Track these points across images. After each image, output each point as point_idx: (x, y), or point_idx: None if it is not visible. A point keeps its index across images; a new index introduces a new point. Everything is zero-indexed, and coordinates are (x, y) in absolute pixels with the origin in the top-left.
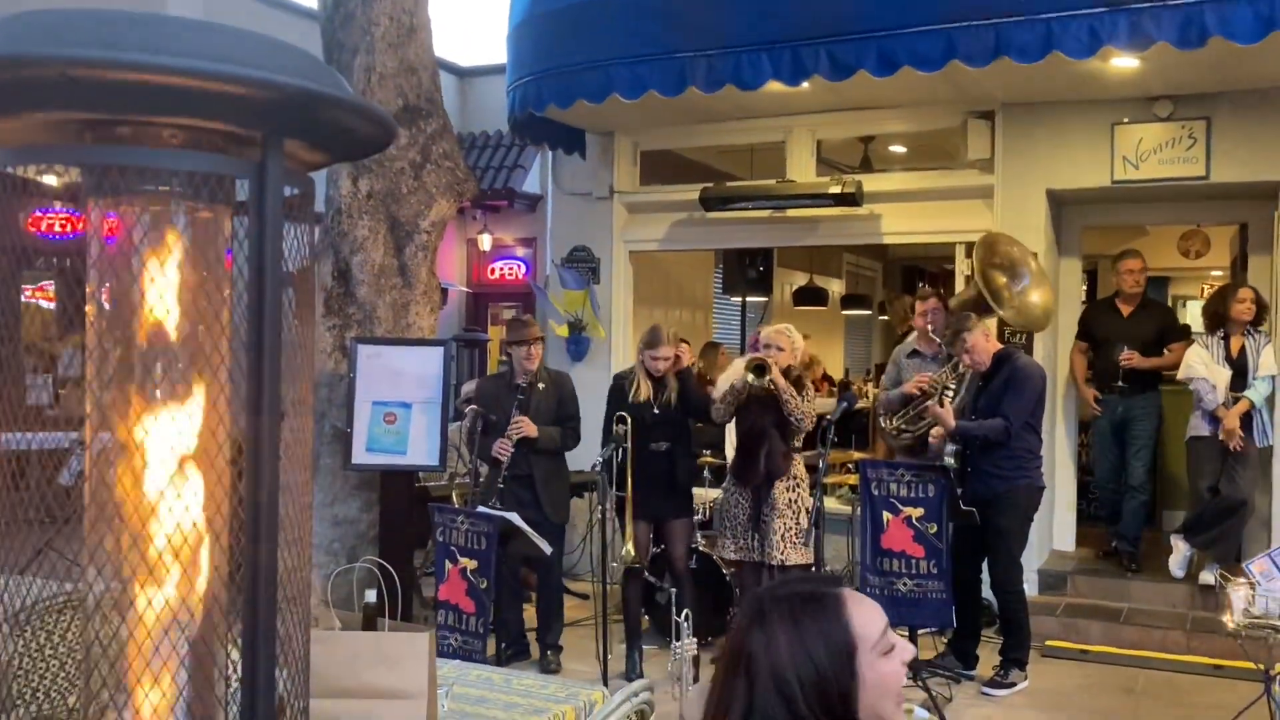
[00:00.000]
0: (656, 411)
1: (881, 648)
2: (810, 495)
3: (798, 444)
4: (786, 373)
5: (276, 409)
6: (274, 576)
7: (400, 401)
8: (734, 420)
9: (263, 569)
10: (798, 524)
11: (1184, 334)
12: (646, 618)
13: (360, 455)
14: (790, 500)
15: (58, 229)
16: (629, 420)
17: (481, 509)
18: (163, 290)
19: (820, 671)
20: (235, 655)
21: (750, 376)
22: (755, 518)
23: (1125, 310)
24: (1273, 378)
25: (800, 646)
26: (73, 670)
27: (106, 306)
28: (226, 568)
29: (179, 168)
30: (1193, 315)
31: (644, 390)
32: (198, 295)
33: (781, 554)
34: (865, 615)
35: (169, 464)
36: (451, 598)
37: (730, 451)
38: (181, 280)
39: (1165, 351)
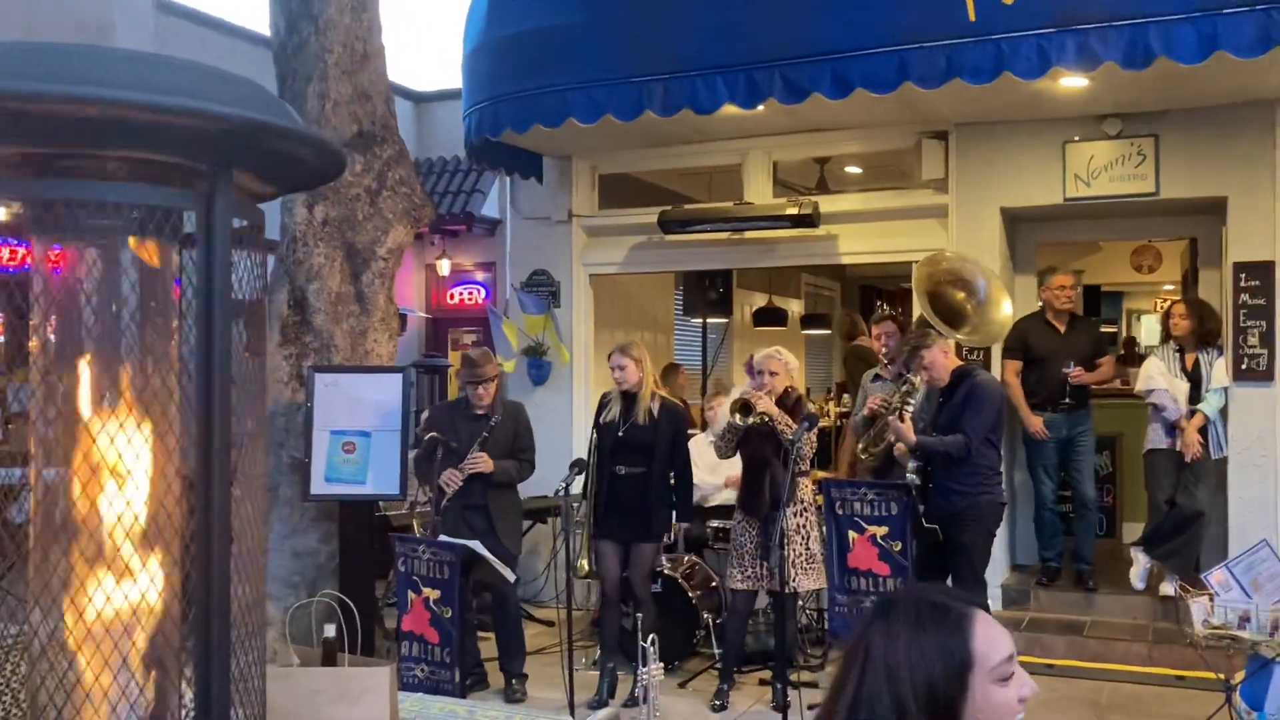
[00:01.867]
0: (621, 435)
1: (998, 674)
2: (814, 515)
3: (804, 468)
4: (785, 396)
5: (227, 443)
6: (228, 613)
7: (359, 430)
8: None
9: (216, 606)
10: (807, 549)
11: (1108, 347)
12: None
13: (319, 485)
14: (799, 525)
15: (5, 260)
16: (596, 441)
17: (444, 538)
18: (109, 324)
19: (932, 677)
20: (189, 695)
21: (737, 418)
22: (764, 546)
23: (1061, 327)
24: (1225, 390)
25: (918, 648)
26: (19, 715)
27: (52, 340)
28: (179, 605)
29: (125, 201)
30: (1147, 329)
31: (614, 410)
32: (145, 329)
33: (793, 580)
34: (989, 639)
35: (118, 501)
36: (416, 628)
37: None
38: (128, 314)
39: (1096, 365)
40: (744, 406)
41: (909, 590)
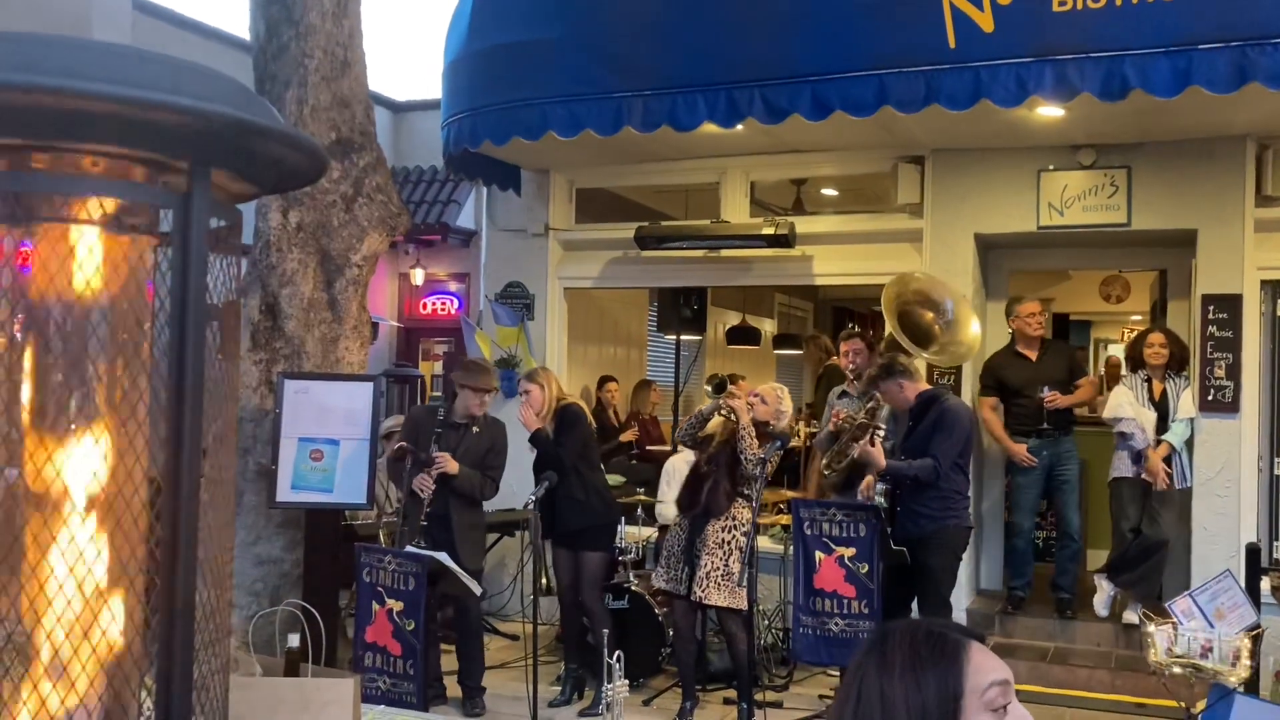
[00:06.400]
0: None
1: (989, 703)
2: (744, 538)
3: (747, 491)
4: (763, 426)
5: (198, 448)
6: (191, 620)
7: (327, 438)
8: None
9: (179, 613)
10: (725, 565)
11: (1086, 369)
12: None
13: (285, 493)
14: (722, 540)
15: None
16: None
17: (410, 549)
18: (79, 322)
19: (927, 710)
20: (149, 702)
21: (707, 388)
22: (689, 550)
23: (1031, 355)
24: (1191, 420)
25: (913, 678)
26: None
27: (18, 337)
28: (141, 612)
29: (99, 196)
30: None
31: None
32: (116, 329)
33: (703, 591)
34: (981, 667)
35: (81, 504)
36: (379, 640)
37: (663, 489)
38: (99, 312)
39: (1074, 388)
40: (720, 385)
41: (907, 620)
